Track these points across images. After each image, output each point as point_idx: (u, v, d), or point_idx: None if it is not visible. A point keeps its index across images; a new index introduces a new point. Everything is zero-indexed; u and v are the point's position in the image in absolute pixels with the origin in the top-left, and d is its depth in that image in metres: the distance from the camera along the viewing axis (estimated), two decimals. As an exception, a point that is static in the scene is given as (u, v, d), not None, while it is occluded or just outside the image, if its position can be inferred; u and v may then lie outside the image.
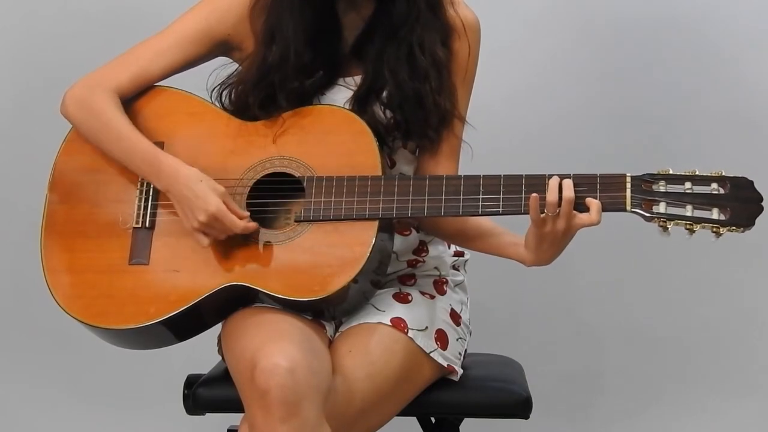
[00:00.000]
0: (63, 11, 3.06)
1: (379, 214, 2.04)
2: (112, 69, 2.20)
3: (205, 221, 2.05)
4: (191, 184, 2.07)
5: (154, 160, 2.11)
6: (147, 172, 2.12)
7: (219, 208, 2.04)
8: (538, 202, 1.98)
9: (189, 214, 2.07)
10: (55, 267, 2.14)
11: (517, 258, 2.10)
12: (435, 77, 2.13)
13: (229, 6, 2.18)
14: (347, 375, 2.02)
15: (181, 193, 2.07)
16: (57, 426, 3.16)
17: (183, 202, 2.07)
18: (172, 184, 2.08)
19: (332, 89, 2.17)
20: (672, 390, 3.09)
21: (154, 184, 2.12)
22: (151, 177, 2.12)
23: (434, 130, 2.15)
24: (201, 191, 2.06)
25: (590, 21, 3.01)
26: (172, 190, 2.09)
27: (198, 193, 2.06)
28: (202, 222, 2.05)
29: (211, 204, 2.05)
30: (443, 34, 2.16)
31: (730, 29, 2.99)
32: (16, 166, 3.08)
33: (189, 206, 2.06)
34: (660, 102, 3.01)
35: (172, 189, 2.09)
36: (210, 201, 2.05)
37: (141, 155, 2.12)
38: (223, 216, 2.04)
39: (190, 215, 2.07)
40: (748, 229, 1.94)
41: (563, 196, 1.97)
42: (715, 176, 1.96)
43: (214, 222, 2.05)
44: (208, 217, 2.04)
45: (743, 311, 3.06)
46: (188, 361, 2.34)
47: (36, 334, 3.12)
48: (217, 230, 2.06)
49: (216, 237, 2.07)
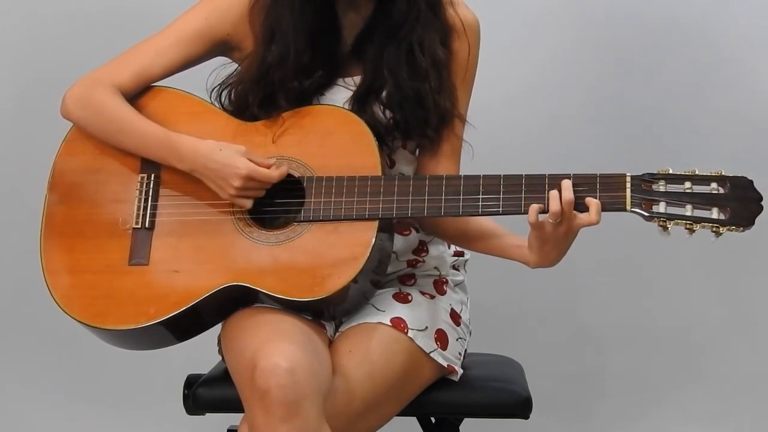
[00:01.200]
0: (63, 11, 3.06)
1: (379, 214, 2.04)
2: (112, 68, 2.20)
3: (241, 185, 2.05)
4: (213, 155, 2.07)
5: (169, 143, 2.11)
6: (165, 156, 2.11)
7: (249, 167, 2.05)
8: (536, 212, 1.98)
9: (223, 184, 2.06)
10: (55, 267, 2.14)
11: (521, 260, 2.10)
12: (435, 77, 2.13)
13: (229, 5, 2.18)
14: (347, 375, 2.02)
15: (207, 167, 2.07)
16: (57, 426, 3.16)
17: (212, 175, 2.07)
18: (196, 161, 2.08)
19: (332, 89, 2.17)
20: (672, 390, 3.09)
21: (175, 166, 2.11)
22: (172, 160, 2.11)
23: (434, 130, 2.15)
24: (226, 158, 2.06)
25: (590, 21, 3.01)
26: (196, 167, 2.09)
27: (224, 161, 2.06)
28: (239, 186, 2.05)
29: (240, 167, 2.05)
30: (443, 34, 2.16)
31: (729, 28, 2.99)
32: (15, 167, 3.08)
33: (220, 176, 2.06)
34: (660, 101, 3.01)
35: (197, 166, 2.08)
36: (238, 164, 2.05)
37: (155, 141, 2.12)
38: (256, 173, 2.05)
39: (224, 184, 2.06)
40: (748, 228, 1.94)
41: (563, 197, 1.97)
42: (715, 176, 1.96)
43: (249, 183, 2.05)
44: (242, 180, 2.05)
45: (743, 311, 3.06)
46: (188, 361, 2.34)
47: (36, 335, 3.12)
48: (255, 189, 2.06)
49: (256, 195, 2.07)
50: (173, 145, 2.10)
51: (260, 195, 2.08)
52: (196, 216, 2.12)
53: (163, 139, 2.11)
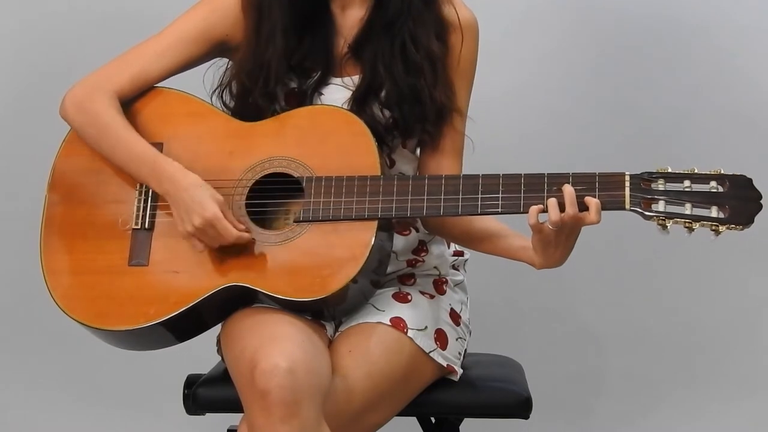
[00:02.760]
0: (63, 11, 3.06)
1: (378, 214, 2.04)
2: (111, 70, 2.20)
3: (200, 226, 2.04)
4: (191, 188, 2.07)
5: (153, 164, 2.11)
6: (146, 176, 2.11)
7: (215, 214, 2.04)
8: (536, 214, 1.98)
9: (185, 218, 2.06)
10: (55, 268, 2.14)
11: (527, 261, 2.10)
12: (429, 71, 2.13)
13: (227, 6, 2.18)
14: (347, 375, 2.03)
15: (180, 197, 2.07)
16: (57, 426, 3.16)
17: (180, 206, 2.07)
18: (171, 188, 2.08)
19: (331, 89, 2.18)
20: (672, 390, 3.09)
21: (153, 188, 2.12)
22: (150, 180, 2.11)
23: (432, 125, 2.15)
24: (199, 196, 2.06)
25: (589, 19, 3.01)
26: (170, 193, 2.08)
27: (195, 198, 2.06)
28: (197, 227, 2.05)
29: (207, 210, 2.04)
30: (438, 29, 2.16)
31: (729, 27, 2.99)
32: (15, 167, 3.08)
33: (186, 210, 2.06)
34: (659, 100, 3.01)
35: (171, 192, 2.08)
36: (207, 206, 2.05)
37: (140, 159, 2.12)
38: (217, 222, 2.04)
39: (186, 219, 2.06)
40: (747, 227, 1.93)
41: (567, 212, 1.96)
42: (714, 174, 1.96)
43: (208, 228, 2.04)
44: (203, 221, 2.04)
45: (743, 311, 3.06)
46: (188, 361, 2.34)
47: (36, 335, 3.12)
48: (210, 237, 2.05)
49: (209, 244, 2.06)
50: (158, 167, 2.10)
51: (213, 245, 2.06)
52: (195, 216, 2.12)
53: (149, 159, 2.11)
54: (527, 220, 2.00)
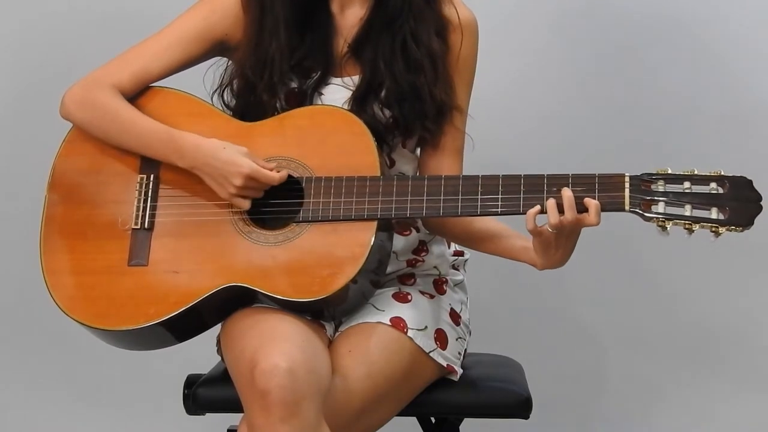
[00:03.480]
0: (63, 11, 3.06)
1: (378, 214, 2.04)
2: (111, 68, 2.20)
3: (242, 184, 2.05)
4: (216, 153, 2.07)
5: (171, 140, 2.11)
6: (167, 153, 2.11)
7: (251, 167, 2.05)
8: (533, 217, 1.98)
9: (224, 182, 2.06)
10: (55, 268, 2.14)
11: (529, 262, 2.11)
12: (430, 69, 2.13)
13: (227, 5, 2.18)
14: (347, 375, 2.03)
15: (210, 165, 2.07)
16: (57, 426, 3.16)
17: (214, 173, 2.07)
18: (198, 159, 2.08)
19: (331, 89, 2.18)
20: (672, 390, 3.08)
21: (177, 164, 2.11)
22: (173, 157, 2.11)
23: (432, 122, 2.15)
24: (228, 157, 2.06)
25: (590, 19, 3.00)
26: (197, 164, 2.08)
27: (227, 159, 2.06)
28: (239, 186, 2.05)
29: (243, 166, 2.05)
30: (438, 26, 2.16)
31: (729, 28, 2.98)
32: (15, 167, 3.08)
33: (222, 174, 2.06)
34: (659, 101, 3.00)
35: (198, 163, 2.08)
36: (241, 163, 2.05)
37: (157, 138, 2.12)
38: (258, 173, 2.05)
39: (226, 183, 2.06)
40: (747, 228, 1.93)
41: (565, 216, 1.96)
42: (714, 176, 1.95)
43: (250, 182, 2.05)
44: (243, 179, 2.05)
45: (743, 311, 3.05)
46: (188, 361, 2.34)
47: (36, 335, 3.12)
48: (254, 189, 2.06)
49: (254, 196, 2.07)
50: (175, 142, 2.10)
51: (258, 196, 2.07)
52: (195, 216, 2.12)
53: (164, 136, 2.11)
54: (525, 225, 2.00)
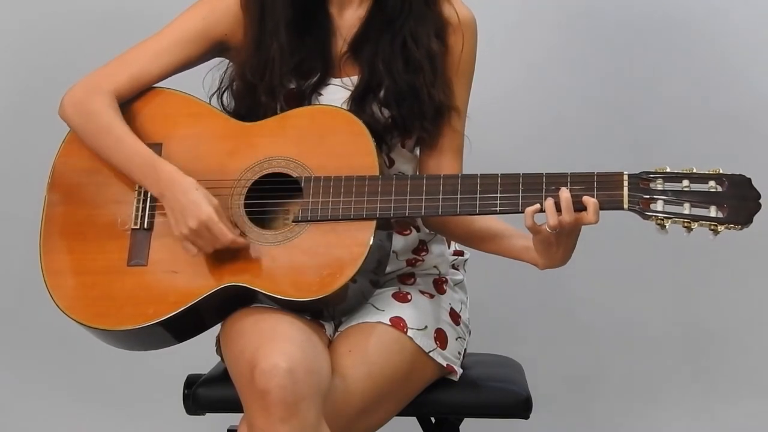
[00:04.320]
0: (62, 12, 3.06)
1: (377, 213, 2.04)
2: (110, 70, 2.20)
3: (195, 228, 2.04)
4: (187, 190, 2.06)
5: (151, 166, 2.10)
6: (143, 177, 2.11)
7: (210, 217, 2.04)
8: (532, 215, 1.98)
9: (180, 220, 2.06)
10: (54, 269, 2.14)
11: (530, 262, 2.11)
12: (429, 69, 2.13)
13: (226, 6, 2.18)
14: (347, 375, 2.03)
15: (176, 198, 2.07)
16: (57, 426, 3.16)
17: (176, 208, 2.07)
18: (168, 190, 2.08)
19: (330, 90, 2.18)
20: (672, 390, 3.09)
21: (149, 189, 2.11)
22: (147, 182, 2.11)
23: (431, 123, 2.15)
24: (195, 198, 2.05)
25: (588, 19, 3.01)
26: (166, 194, 2.08)
27: (192, 200, 2.05)
28: (192, 228, 2.04)
29: (203, 212, 2.04)
30: (437, 27, 2.16)
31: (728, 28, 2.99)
32: (15, 167, 3.08)
33: (181, 212, 2.06)
34: (657, 100, 3.01)
35: (167, 194, 2.08)
36: (203, 209, 2.04)
37: (138, 160, 2.12)
38: (213, 225, 2.04)
39: (181, 221, 2.06)
40: (746, 226, 1.93)
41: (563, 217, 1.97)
42: (713, 174, 1.95)
43: (204, 230, 2.04)
44: (198, 224, 2.04)
45: (743, 310, 3.05)
46: (188, 361, 2.34)
47: (36, 335, 3.12)
48: (205, 240, 2.05)
49: (203, 248, 2.06)
50: (156, 168, 2.10)
51: (207, 250, 2.06)
52: (194, 216, 2.12)
53: (147, 160, 2.11)
54: (524, 223, 2.00)
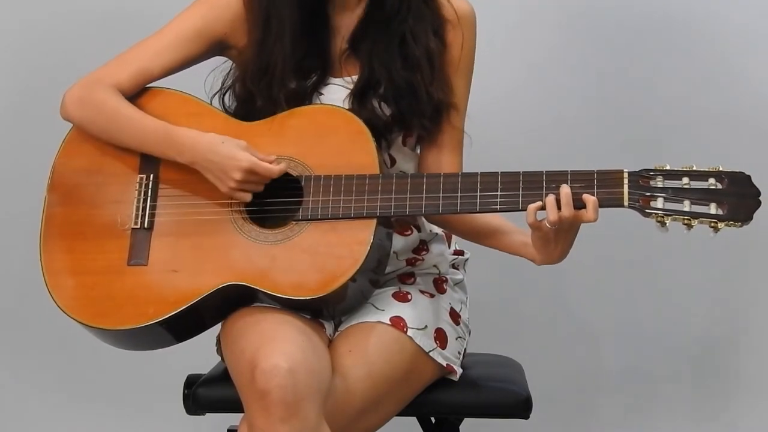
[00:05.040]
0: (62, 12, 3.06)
1: (377, 212, 2.05)
2: (110, 69, 2.20)
3: (242, 178, 2.05)
4: (215, 147, 2.07)
5: (169, 137, 2.11)
6: (166, 150, 2.11)
7: (251, 160, 2.05)
8: (534, 212, 1.99)
9: (223, 177, 2.06)
10: (55, 268, 2.14)
11: (528, 257, 2.11)
12: (427, 67, 2.13)
13: (226, 4, 2.18)
14: (347, 374, 2.03)
15: (209, 159, 2.07)
16: (57, 426, 3.16)
17: (213, 168, 2.07)
18: (197, 154, 2.08)
19: (331, 89, 2.18)
20: (672, 390, 3.08)
21: (176, 159, 2.11)
22: (172, 153, 2.11)
23: (429, 120, 2.15)
24: (227, 151, 2.06)
25: (588, 18, 3.01)
26: (197, 159, 2.09)
27: (226, 154, 2.06)
28: (239, 179, 2.05)
29: (242, 160, 2.05)
30: (436, 25, 2.16)
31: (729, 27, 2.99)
32: (15, 167, 3.08)
33: (221, 169, 2.06)
34: (657, 97, 3.01)
35: (198, 158, 2.08)
36: (240, 157, 2.05)
37: (155, 136, 2.12)
38: (257, 167, 2.05)
39: (225, 177, 2.06)
40: (746, 223, 1.94)
41: (562, 212, 1.97)
42: (713, 171, 1.96)
43: (250, 176, 2.05)
44: (243, 173, 2.05)
45: (743, 309, 3.06)
46: (188, 361, 2.34)
47: (35, 335, 3.12)
48: (254, 183, 2.06)
49: (255, 189, 2.07)
50: (173, 138, 2.10)
51: (259, 189, 2.08)
52: (194, 216, 2.12)
53: (163, 133, 2.12)
54: (525, 219, 2.00)
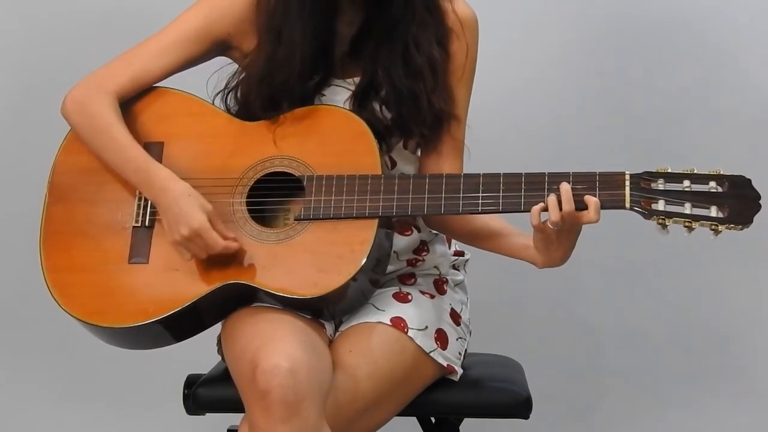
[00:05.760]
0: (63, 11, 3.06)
1: (379, 212, 2.05)
2: (112, 69, 2.19)
3: (187, 236, 2.05)
4: (179, 198, 2.07)
5: (145, 172, 2.11)
6: (138, 182, 2.12)
7: (202, 224, 2.04)
8: (539, 213, 1.99)
9: (173, 227, 2.07)
10: (55, 266, 2.14)
11: (529, 260, 2.11)
12: (430, 77, 2.13)
13: (230, 4, 2.18)
14: (347, 375, 2.03)
15: (168, 206, 2.07)
16: (57, 426, 3.16)
17: (168, 215, 2.07)
18: (162, 198, 2.08)
19: (332, 90, 2.18)
20: (672, 390, 3.08)
21: (143, 193, 2.12)
22: (142, 187, 2.11)
23: (430, 129, 2.15)
24: (187, 206, 2.06)
25: (589, 19, 3.01)
26: (160, 201, 2.09)
27: (184, 208, 2.06)
28: (184, 236, 2.05)
29: (195, 220, 2.04)
30: (440, 35, 2.16)
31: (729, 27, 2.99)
32: (15, 166, 3.08)
33: (174, 219, 2.06)
34: (659, 100, 3.01)
35: (160, 201, 2.08)
36: (194, 217, 2.05)
37: (134, 165, 2.12)
38: (204, 233, 2.04)
39: (174, 228, 2.06)
40: (747, 227, 1.94)
41: (563, 209, 1.97)
42: (714, 174, 1.96)
43: (195, 237, 2.05)
44: (190, 232, 2.04)
45: (743, 310, 3.06)
46: (188, 361, 2.34)
47: (36, 334, 3.12)
48: (198, 246, 2.05)
49: (196, 254, 2.06)
50: (149, 174, 2.10)
51: (201, 256, 2.06)
52: (195, 215, 2.12)
53: (141, 166, 2.11)
54: (530, 221, 2.01)
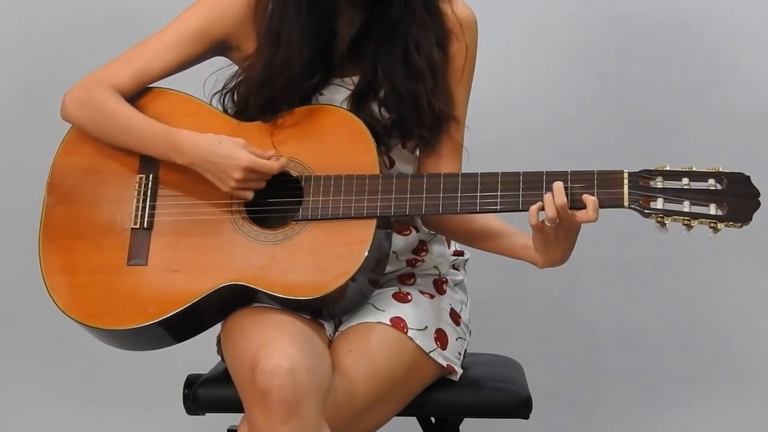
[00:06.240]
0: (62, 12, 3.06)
1: (377, 212, 2.05)
2: (111, 69, 2.20)
3: (242, 177, 2.05)
4: (213, 148, 2.07)
5: (168, 138, 2.11)
6: (165, 151, 2.12)
7: (249, 159, 2.05)
8: (537, 212, 1.99)
9: (223, 177, 2.07)
10: (54, 268, 2.14)
11: (529, 260, 2.11)
12: (429, 78, 2.13)
13: (229, 5, 2.18)
14: (347, 375, 2.03)
15: (207, 160, 2.08)
16: (57, 426, 3.16)
17: (213, 168, 2.08)
18: (195, 155, 2.09)
19: (331, 89, 2.18)
20: (672, 390, 3.09)
21: (176, 161, 2.11)
22: (171, 154, 2.11)
23: (429, 131, 2.15)
24: (225, 151, 2.06)
25: (589, 19, 3.01)
26: (196, 161, 2.09)
27: (224, 154, 2.06)
28: (239, 178, 2.05)
29: (241, 159, 2.05)
30: (439, 36, 2.16)
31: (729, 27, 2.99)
32: (15, 166, 3.08)
33: (221, 169, 2.07)
34: (657, 98, 3.01)
35: (196, 159, 2.09)
36: (239, 156, 2.05)
37: (154, 137, 2.12)
38: (256, 165, 2.05)
39: (225, 177, 2.07)
40: (746, 224, 1.94)
41: (555, 202, 1.97)
42: (712, 172, 1.96)
43: (250, 174, 2.06)
44: (242, 171, 2.05)
45: (743, 309, 3.06)
46: (188, 361, 2.34)
47: (35, 335, 3.12)
48: (255, 180, 2.07)
49: (256, 187, 2.07)
50: (172, 139, 2.11)
51: (261, 186, 2.08)
52: (194, 216, 2.12)
53: (162, 134, 2.12)
54: (528, 220, 2.01)
